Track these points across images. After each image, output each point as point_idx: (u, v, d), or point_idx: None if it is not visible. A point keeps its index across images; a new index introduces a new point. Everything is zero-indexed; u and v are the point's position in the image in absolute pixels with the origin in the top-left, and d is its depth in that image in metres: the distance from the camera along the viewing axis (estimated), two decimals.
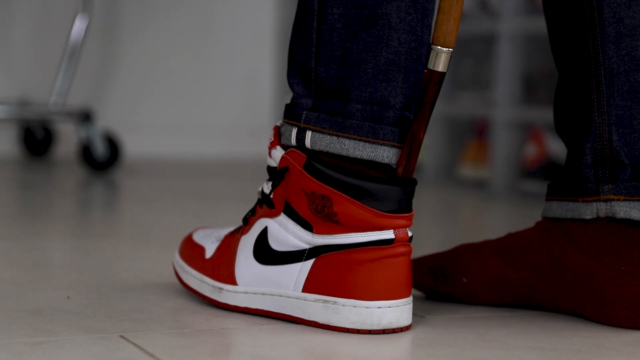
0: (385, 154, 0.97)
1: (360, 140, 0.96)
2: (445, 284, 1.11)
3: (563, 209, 1.08)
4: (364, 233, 0.95)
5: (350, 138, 0.96)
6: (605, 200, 1.05)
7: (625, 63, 1.06)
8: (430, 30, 0.98)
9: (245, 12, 3.44)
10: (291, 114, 1.00)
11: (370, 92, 0.97)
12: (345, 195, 0.95)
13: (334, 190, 0.96)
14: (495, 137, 2.60)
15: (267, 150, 1.03)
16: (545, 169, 2.49)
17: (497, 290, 1.10)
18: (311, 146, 0.98)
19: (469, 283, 1.10)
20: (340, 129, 0.97)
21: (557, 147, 2.49)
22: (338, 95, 0.97)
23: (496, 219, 2.26)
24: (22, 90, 3.15)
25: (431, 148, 2.88)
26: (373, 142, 0.96)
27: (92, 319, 0.98)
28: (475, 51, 2.87)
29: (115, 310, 1.02)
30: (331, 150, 0.97)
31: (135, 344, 0.89)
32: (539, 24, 2.46)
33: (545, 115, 2.42)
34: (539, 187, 2.43)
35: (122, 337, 0.91)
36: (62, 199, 2.23)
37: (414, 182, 0.97)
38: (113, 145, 2.68)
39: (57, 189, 2.43)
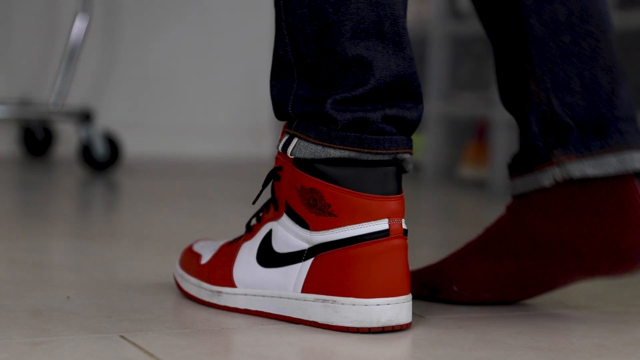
0: (370, 158, 0.97)
1: (345, 149, 0.97)
2: (438, 295, 1.12)
3: (524, 184, 1.09)
4: (359, 225, 0.95)
5: (335, 148, 0.97)
6: (559, 164, 1.06)
7: (549, 29, 1.07)
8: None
9: (245, 12, 3.44)
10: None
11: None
12: (332, 185, 0.96)
13: (320, 180, 0.96)
14: (495, 137, 2.60)
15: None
16: None
17: (489, 287, 1.10)
18: (293, 154, 0.99)
19: (460, 290, 1.11)
20: (326, 140, 0.97)
21: None
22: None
23: None
24: (22, 90, 3.15)
25: (431, 148, 2.88)
26: (358, 151, 0.97)
27: (92, 319, 0.98)
28: (475, 51, 2.87)
29: (115, 310, 1.02)
30: (315, 157, 0.97)
31: (135, 344, 0.89)
32: None
33: None
34: None
35: (122, 337, 0.91)
36: (62, 199, 2.23)
37: (397, 162, 0.98)
38: (113, 145, 2.68)
39: (57, 189, 2.43)
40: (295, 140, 0.99)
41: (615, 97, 1.07)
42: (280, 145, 1.00)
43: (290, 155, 0.99)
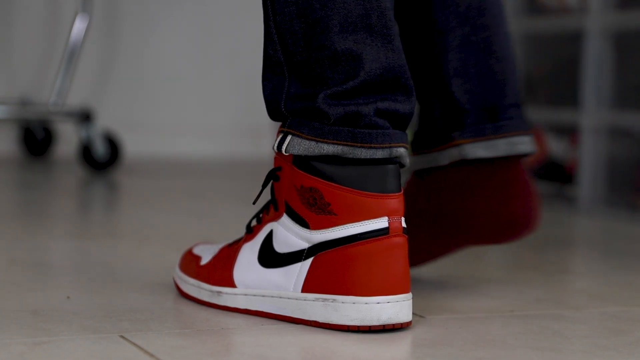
0: (364, 153, 0.97)
1: (339, 144, 0.97)
2: None
3: (424, 161, 1.18)
4: (359, 223, 0.95)
5: (329, 143, 0.97)
6: (456, 146, 1.15)
7: (451, 21, 1.16)
8: None
9: (245, 12, 3.44)
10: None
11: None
12: (331, 183, 0.96)
13: (319, 179, 0.96)
14: None
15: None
16: (545, 169, 2.49)
17: (417, 257, 1.20)
18: (287, 151, 0.99)
19: None
20: (319, 135, 0.97)
21: (557, 147, 2.49)
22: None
23: None
24: (22, 90, 3.15)
25: None
26: (352, 146, 0.97)
27: (92, 319, 0.98)
28: None
29: (115, 310, 1.02)
30: (309, 154, 0.98)
31: (135, 344, 0.89)
32: (539, 24, 2.46)
33: (545, 115, 2.42)
34: (539, 187, 2.43)
35: (122, 337, 0.91)
36: (62, 199, 2.23)
37: (395, 160, 0.98)
38: (113, 145, 2.68)
39: (57, 189, 2.43)
40: (289, 137, 0.99)
41: (506, 86, 1.17)
42: (276, 145, 1.00)
43: (285, 152, 0.99)
